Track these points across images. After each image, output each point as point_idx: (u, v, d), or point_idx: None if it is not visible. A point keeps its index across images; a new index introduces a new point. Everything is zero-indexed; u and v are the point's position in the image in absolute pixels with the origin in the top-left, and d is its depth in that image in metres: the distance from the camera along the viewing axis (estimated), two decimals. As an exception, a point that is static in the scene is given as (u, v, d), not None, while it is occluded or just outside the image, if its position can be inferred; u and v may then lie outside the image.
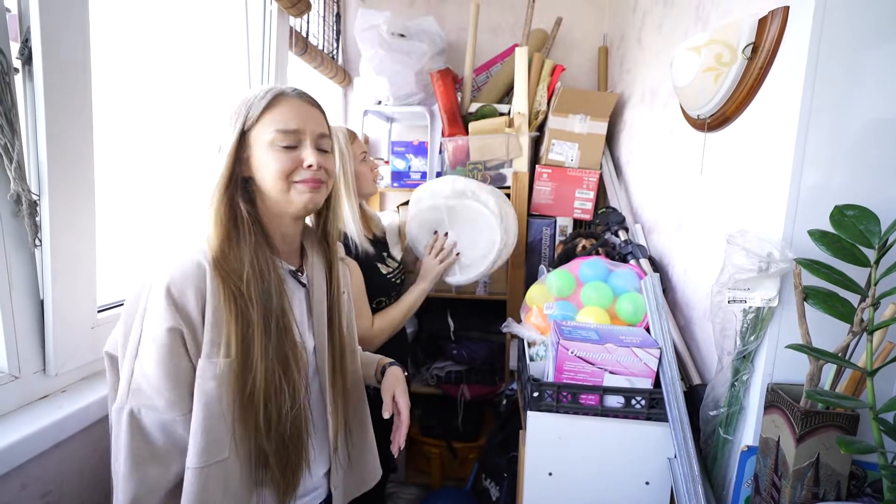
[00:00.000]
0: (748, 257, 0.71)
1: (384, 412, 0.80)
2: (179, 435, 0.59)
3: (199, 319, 0.59)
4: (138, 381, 0.58)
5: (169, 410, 0.58)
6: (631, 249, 1.23)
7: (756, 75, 0.79)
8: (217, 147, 0.66)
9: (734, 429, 0.80)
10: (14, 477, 0.59)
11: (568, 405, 0.90)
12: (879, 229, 0.60)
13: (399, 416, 0.81)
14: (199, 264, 0.61)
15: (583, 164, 1.59)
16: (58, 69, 0.64)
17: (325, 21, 1.80)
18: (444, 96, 1.62)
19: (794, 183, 0.70)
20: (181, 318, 0.58)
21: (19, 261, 0.63)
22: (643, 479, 0.88)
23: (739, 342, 0.76)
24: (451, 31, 1.90)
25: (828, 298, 0.64)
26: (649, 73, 1.38)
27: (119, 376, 0.60)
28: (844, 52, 0.67)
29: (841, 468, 0.64)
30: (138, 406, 0.58)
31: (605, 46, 1.85)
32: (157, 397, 0.58)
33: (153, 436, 0.58)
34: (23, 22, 0.60)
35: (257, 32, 1.29)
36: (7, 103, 0.58)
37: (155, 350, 0.57)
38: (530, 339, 1.09)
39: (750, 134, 0.82)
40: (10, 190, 0.60)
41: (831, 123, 0.69)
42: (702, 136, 0.98)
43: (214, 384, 0.58)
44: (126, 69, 0.96)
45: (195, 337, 0.59)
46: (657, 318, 0.96)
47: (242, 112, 0.65)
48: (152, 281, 0.59)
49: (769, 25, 0.76)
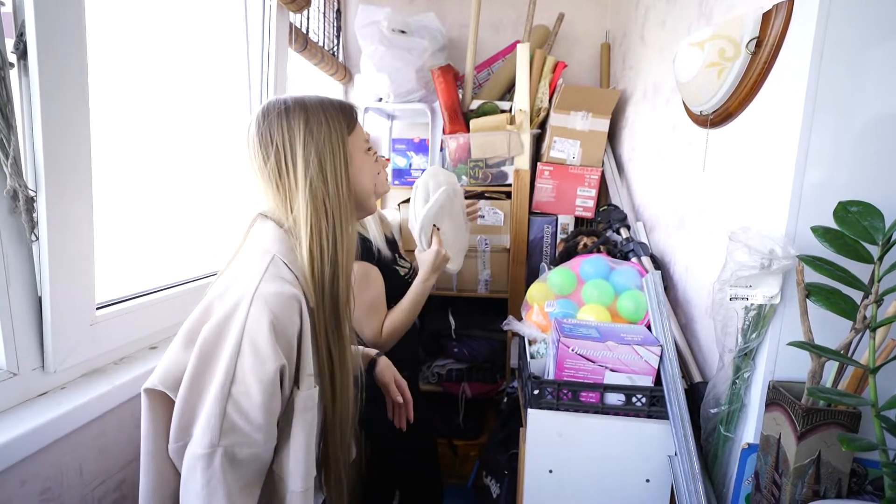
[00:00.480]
0: (750, 254, 0.70)
1: (395, 397, 0.87)
2: (263, 462, 0.59)
3: (296, 352, 0.59)
4: (233, 421, 0.55)
5: (266, 443, 0.57)
6: (632, 247, 1.23)
7: (760, 71, 0.78)
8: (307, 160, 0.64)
9: (735, 426, 0.79)
10: (13, 473, 0.58)
11: (568, 403, 0.89)
12: (883, 225, 0.60)
13: (404, 395, 0.89)
14: (296, 296, 0.59)
15: (584, 162, 1.58)
16: (54, 64, 0.63)
17: (325, 17, 1.79)
18: (445, 93, 1.61)
19: (798, 179, 0.70)
20: (284, 354, 0.57)
21: (17, 257, 0.63)
22: (644, 476, 0.88)
23: (741, 339, 0.76)
24: (453, 28, 1.89)
25: (830, 295, 0.64)
26: (652, 70, 1.37)
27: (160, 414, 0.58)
28: (849, 47, 0.67)
29: (842, 466, 0.64)
30: (232, 444, 0.55)
31: (608, 43, 1.84)
32: (256, 433, 0.56)
33: (246, 469, 0.57)
34: (17, 16, 0.60)
35: (256, 28, 1.28)
36: (2, 98, 0.57)
37: (262, 391, 0.55)
38: (531, 337, 1.09)
39: (753, 130, 0.82)
40: (7, 186, 0.59)
41: (835, 119, 0.68)
42: (704, 133, 0.97)
43: (313, 413, 0.60)
44: (123, 65, 0.96)
45: (291, 370, 0.59)
46: (658, 316, 0.96)
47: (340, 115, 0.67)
48: (239, 317, 0.56)
49: (773, 20, 0.75)
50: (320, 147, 0.65)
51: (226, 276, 0.63)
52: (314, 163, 0.64)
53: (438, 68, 1.62)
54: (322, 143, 0.65)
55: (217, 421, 0.54)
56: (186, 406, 0.56)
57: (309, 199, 0.64)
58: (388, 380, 0.89)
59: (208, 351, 0.56)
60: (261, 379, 0.55)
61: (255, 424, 0.55)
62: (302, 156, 0.64)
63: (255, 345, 0.55)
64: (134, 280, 0.94)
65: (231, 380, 0.55)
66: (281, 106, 0.66)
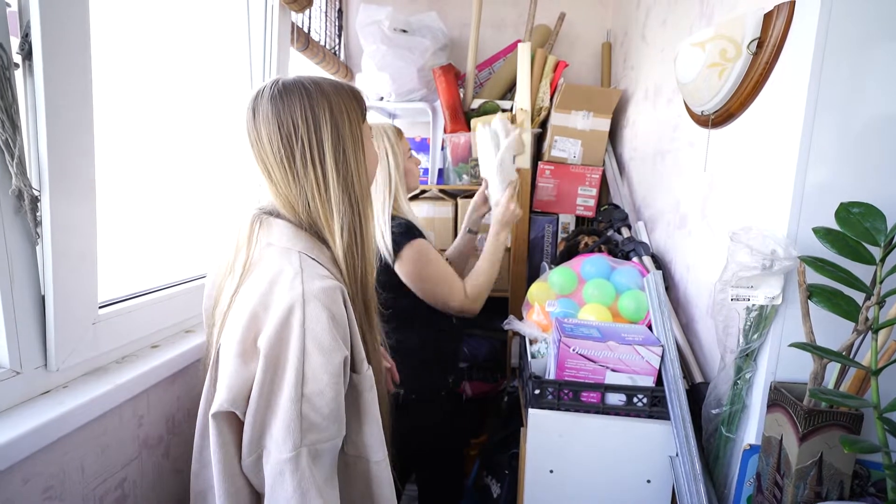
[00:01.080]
0: (752, 255, 0.70)
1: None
2: (337, 450, 0.60)
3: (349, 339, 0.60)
4: (311, 420, 0.55)
5: (339, 431, 0.58)
6: (633, 247, 1.23)
7: (761, 71, 0.78)
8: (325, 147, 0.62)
9: (736, 427, 0.79)
10: (16, 472, 0.59)
11: (569, 403, 0.90)
12: (886, 227, 0.60)
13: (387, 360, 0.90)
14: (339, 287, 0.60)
15: (585, 161, 1.58)
16: (58, 64, 0.63)
17: (326, 16, 1.79)
18: (446, 92, 1.61)
19: (799, 180, 0.69)
20: (344, 344, 0.58)
21: (20, 256, 0.63)
22: (644, 477, 0.88)
23: (742, 340, 0.76)
24: (454, 27, 1.89)
25: (832, 296, 0.64)
26: (653, 70, 1.37)
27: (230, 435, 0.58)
28: (851, 47, 0.66)
29: (844, 467, 0.64)
30: (314, 442, 0.55)
31: (609, 42, 1.83)
32: (331, 425, 0.57)
33: (325, 461, 0.58)
34: (23, 16, 0.60)
35: (259, 28, 1.28)
36: (7, 99, 0.57)
37: (333, 384, 0.56)
38: (532, 337, 1.09)
39: (754, 130, 0.82)
40: (12, 185, 0.60)
41: (837, 120, 0.68)
42: (706, 133, 0.97)
43: (374, 391, 0.63)
44: (127, 64, 0.96)
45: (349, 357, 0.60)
46: (659, 316, 0.96)
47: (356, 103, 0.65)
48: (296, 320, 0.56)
49: (775, 20, 0.75)
50: (346, 137, 0.62)
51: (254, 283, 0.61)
52: (343, 154, 0.62)
53: (440, 67, 1.62)
54: (347, 133, 0.62)
55: (296, 423, 0.54)
56: (258, 418, 0.56)
57: (341, 193, 0.62)
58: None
59: (274, 360, 0.56)
60: (331, 373, 0.56)
61: (331, 417, 0.56)
62: (331, 147, 0.61)
63: (320, 342, 0.55)
64: (137, 279, 0.94)
65: (302, 381, 0.55)
66: (298, 87, 0.62)
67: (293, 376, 0.55)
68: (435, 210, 1.63)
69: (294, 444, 0.54)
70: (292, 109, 0.61)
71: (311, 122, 0.61)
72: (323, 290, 0.58)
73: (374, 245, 1.11)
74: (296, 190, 0.63)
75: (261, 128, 0.62)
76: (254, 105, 0.63)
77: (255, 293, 0.59)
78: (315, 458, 0.55)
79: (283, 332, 0.56)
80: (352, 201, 0.63)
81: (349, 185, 0.63)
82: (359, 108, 0.66)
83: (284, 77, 0.65)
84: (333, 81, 0.66)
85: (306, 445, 0.55)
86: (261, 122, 0.62)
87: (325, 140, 0.61)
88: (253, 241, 0.64)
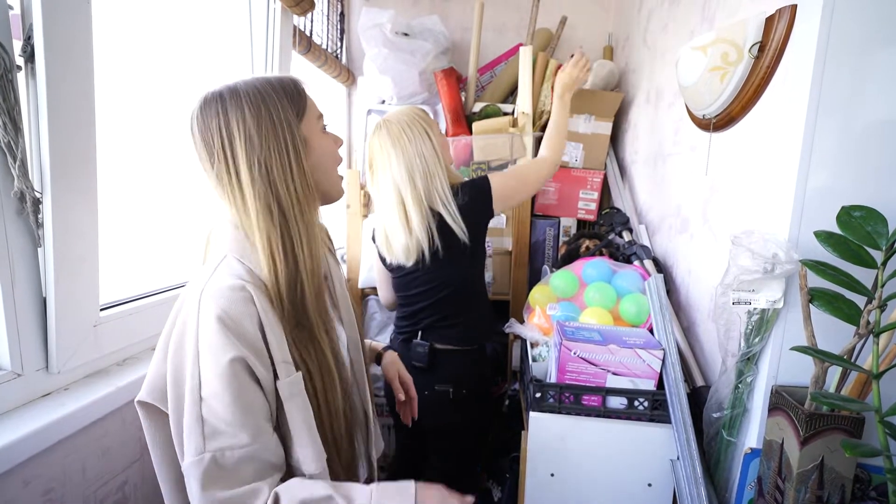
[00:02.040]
0: (753, 258, 0.70)
1: (397, 394, 0.87)
2: (266, 462, 0.56)
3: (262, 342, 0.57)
4: (213, 425, 0.53)
5: (255, 442, 0.54)
6: (635, 250, 1.22)
7: (763, 75, 0.78)
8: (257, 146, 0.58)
9: (738, 431, 0.79)
10: (17, 474, 0.59)
11: (570, 406, 0.89)
12: (887, 230, 0.60)
13: (409, 393, 0.89)
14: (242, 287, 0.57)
15: (587, 165, 1.58)
16: (60, 66, 0.64)
17: (328, 20, 1.80)
18: (447, 96, 1.62)
19: (801, 184, 0.69)
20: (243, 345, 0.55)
21: (22, 258, 0.63)
22: (645, 480, 0.88)
23: (744, 344, 0.76)
24: (456, 30, 1.90)
25: (834, 300, 0.64)
26: (654, 73, 1.37)
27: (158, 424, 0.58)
28: (852, 51, 0.67)
29: (845, 471, 0.63)
30: (219, 448, 0.53)
31: (610, 46, 1.84)
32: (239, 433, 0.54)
33: (244, 472, 0.54)
34: (25, 19, 0.60)
35: (261, 31, 1.29)
36: (10, 101, 0.58)
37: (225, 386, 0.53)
38: (533, 340, 1.09)
39: (756, 134, 0.82)
40: (14, 188, 0.60)
41: (838, 123, 0.68)
42: (707, 137, 0.97)
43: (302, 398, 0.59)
44: (129, 68, 0.97)
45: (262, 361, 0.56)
46: (661, 320, 0.96)
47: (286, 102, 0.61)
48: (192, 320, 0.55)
49: (776, 24, 0.75)
50: (264, 144, 0.58)
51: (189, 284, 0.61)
52: (258, 164, 0.58)
53: (441, 71, 1.62)
54: (266, 140, 0.58)
55: (198, 427, 0.53)
56: (174, 418, 0.55)
57: (258, 204, 0.59)
58: (392, 375, 0.89)
59: (176, 360, 0.55)
60: (218, 374, 0.53)
61: (234, 423, 0.53)
62: (245, 158, 0.58)
63: (209, 342, 0.53)
64: (138, 281, 0.94)
65: (199, 384, 0.54)
66: (216, 99, 0.59)
67: (191, 378, 0.54)
68: (436, 213, 1.63)
69: (196, 449, 0.52)
70: (209, 123, 0.59)
71: (224, 134, 0.58)
72: (219, 289, 0.55)
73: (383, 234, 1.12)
74: (226, 199, 0.62)
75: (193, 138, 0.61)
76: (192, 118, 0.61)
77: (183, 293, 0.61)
78: (221, 467, 0.53)
79: (183, 332, 0.56)
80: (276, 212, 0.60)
81: (269, 196, 0.59)
82: (291, 105, 0.61)
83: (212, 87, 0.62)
84: (263, 81, 0.62)
85: (210, 451, 0.52)
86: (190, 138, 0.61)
87: (238, 152, 0.58)
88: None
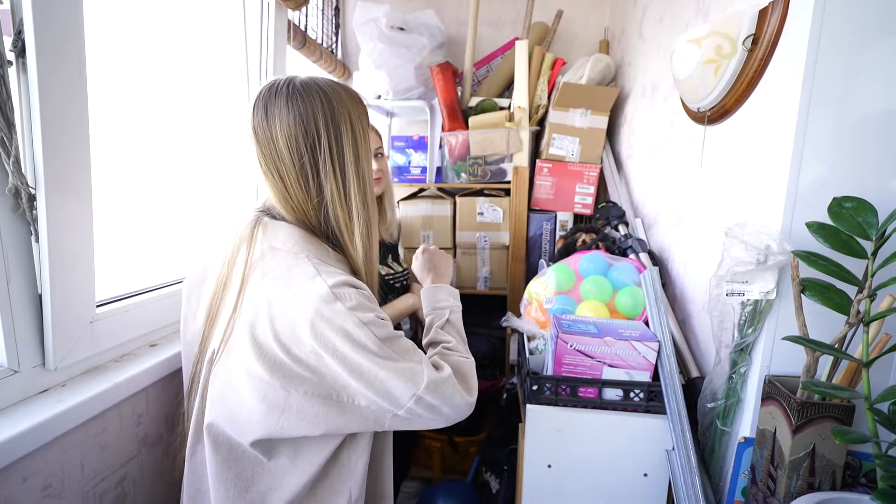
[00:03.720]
0: (746, 250, 0.71)
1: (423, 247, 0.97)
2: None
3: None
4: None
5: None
6: (631, 243, 1.23)
7: (756, 67, 0.78)
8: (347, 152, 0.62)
9: (731, 420, 0.80)
10: (15, 470, 0.59)
11: (567, 398, 0.90)
12: (877, 221, 0.60)
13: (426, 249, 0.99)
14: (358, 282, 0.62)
15: (583, 159, 1.58)
16: (52, 61, 0.63)
17: (323, 14, 1.79)
18: (443, 90, 1.61)
19: (793, 175, 0.70)
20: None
21: (17, 255, 0.63)
22: (641, 470, 0.89)
23: (737, 335, 0.76)
24: (451, 25, 1.89)
25: (825, 290, 0.64)
26: (650, 67, 1.37)
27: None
28: (845, 44, 0.67)
29: (836, 458, 0.64)
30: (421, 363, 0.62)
31: (606, 40, 1.84)
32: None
33: (438, 364, 0.67)
34: (15, 14, 0.60)
35: (255, 26, 1.28)
36: (2, 96, 0.58)
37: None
38: (530, 333, 1.09)
39: (749, 126, 0.82)
40: (9, 184, 0.60)
41: (831, 116, 0.68)
42: (702, 130, 0.97)
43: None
44: (122, 63, 0.96)
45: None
46: (656, 312, 0.96)
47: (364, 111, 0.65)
48: (334, 313, 0.56)
49: (770, 17, 0.75)
50: (361, 144, 0.63)
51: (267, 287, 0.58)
52: (359, 163, 0.62)
53: (437, 65, 1.62)
54: (361, 141, 0.63)
55: (400, 375, 0.58)
56: (375, 390, 0.57)
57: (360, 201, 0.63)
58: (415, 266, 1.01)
59: (330, 351, 0.55)
60: (377, 327, 0.58)
61: (411, 348, 0.64)
62: (352, 155, 0.62)
63: (352, 328, 0.56)
64: (134, 277, 0.94)
65: (369, 351, 0.56)
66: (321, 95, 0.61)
67: (357, 347, 0.56)
68: (433, 209, 1.63)
69: (415, 378, 0.59)
70: (315, 114, 0.60)
71: (331, 129, 0.60)
72: (346, 280, 0.58)
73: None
74: (314, 195, 0.61)
75: (276, 129, 0.60)
76: (265, 103, 0.60)
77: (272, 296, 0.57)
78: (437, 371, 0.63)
79: (321, 327, 0.55)
80: (367, 209, 0.63)
81: (365, 193, 0.64)
82: (366, 114, 0.67)
83: (298, 76, 0.63)
84: (343, 86, 0.65)
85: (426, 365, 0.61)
86: (276, 123, 0.60)
87: (345, 148, 0.61)
88: (253, 243, 0.62)
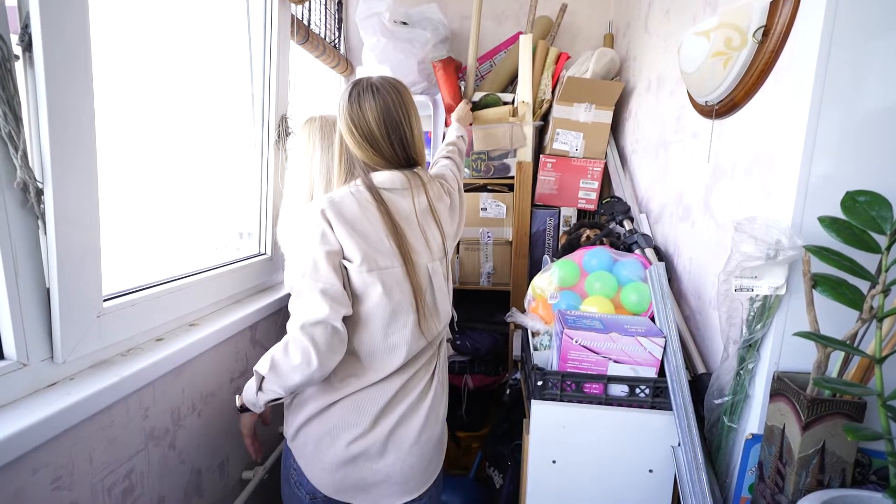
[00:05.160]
0: (756, 245, 0.70)
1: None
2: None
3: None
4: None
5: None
6: (636, 239, 1.22)
7: (766, 60, 0.77)
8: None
9: (739, 417, 0.80)
10: (25, 462, 0.59)
11: (572, 394, 0.90)
12: (891, 215, 0.60)
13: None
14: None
15: (587, 154, 1.57)
16: (58, 56, 0.63)
17: (326, 9, 1.78)
18: (446, 85, 1.60)
19: (804, 169, 0.69)
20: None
21: (25, 249, 0.63)
22: (647, 467, 0.89)
23: (746, 330, 0.76)
24: (455, 19, 1.88)
25: (837, 285, 0.64)
26: (656, 61, 1.36)
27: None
28: (858, 36, 0.66)
29: (846, 455, 0.64)
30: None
31: (611, 33, 1.82)
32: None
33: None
34: (22, 8, 0.60)
35: (258, 20, 1.27)
36: (9, 91, 0.57)
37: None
38: (534, 329, 1.09)
39: (759, 120, 0.81)
40: (17, 178, 0.60)
41: (843, 109, 0.68)
42: (709, 123, 0.96)
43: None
44: (127, 58, 0.96)
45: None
46: (662, 307, 0.96)
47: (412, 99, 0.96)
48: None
49: (781, 8, 0.74)
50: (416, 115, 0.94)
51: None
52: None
53: (440, 60, 1.61)
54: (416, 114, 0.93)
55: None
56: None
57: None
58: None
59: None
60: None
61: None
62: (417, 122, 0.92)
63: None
64: (141, 272, 0.94)
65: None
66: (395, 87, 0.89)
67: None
68: (437, 203, 1.62)
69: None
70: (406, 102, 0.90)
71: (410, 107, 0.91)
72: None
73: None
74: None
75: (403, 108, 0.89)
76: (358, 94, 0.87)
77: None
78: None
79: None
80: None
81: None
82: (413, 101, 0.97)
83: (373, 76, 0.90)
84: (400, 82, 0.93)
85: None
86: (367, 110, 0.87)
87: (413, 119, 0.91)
88: (421, 185, 0.92)
